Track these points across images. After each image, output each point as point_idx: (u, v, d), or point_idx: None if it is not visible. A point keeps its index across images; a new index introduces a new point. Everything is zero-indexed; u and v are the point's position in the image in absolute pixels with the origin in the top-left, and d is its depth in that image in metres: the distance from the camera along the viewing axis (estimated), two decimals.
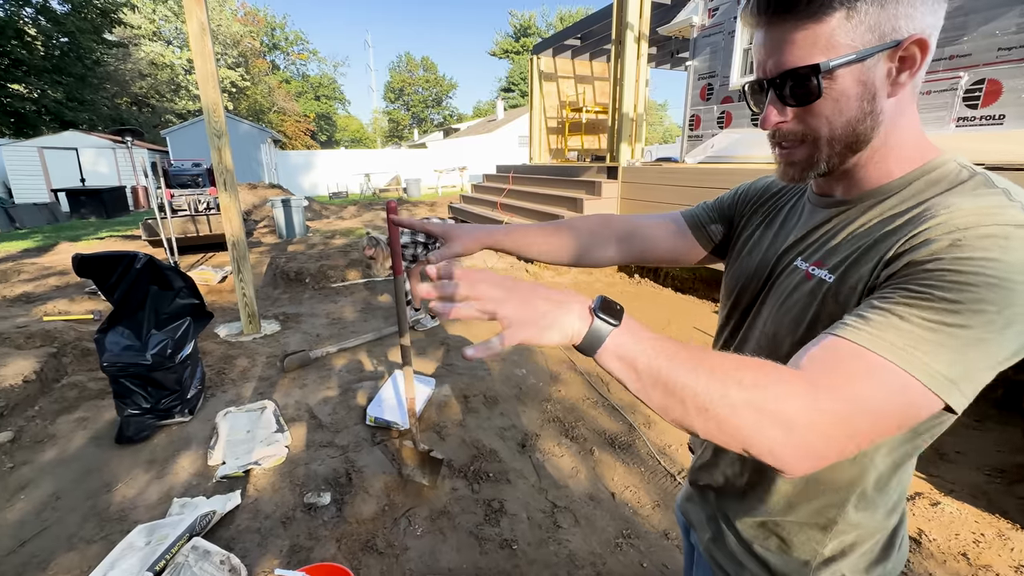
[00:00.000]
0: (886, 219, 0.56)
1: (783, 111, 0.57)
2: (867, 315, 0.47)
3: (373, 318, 4.48)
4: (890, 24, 0.50)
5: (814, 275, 0.61)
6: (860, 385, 0.44)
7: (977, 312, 0.44)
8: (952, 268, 0.45)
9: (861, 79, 0.52)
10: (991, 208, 0.47)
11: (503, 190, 8.25)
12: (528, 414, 2.78)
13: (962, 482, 2.17)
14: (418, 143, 33.63)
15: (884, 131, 0.56)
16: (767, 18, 0.54)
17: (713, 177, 4.55)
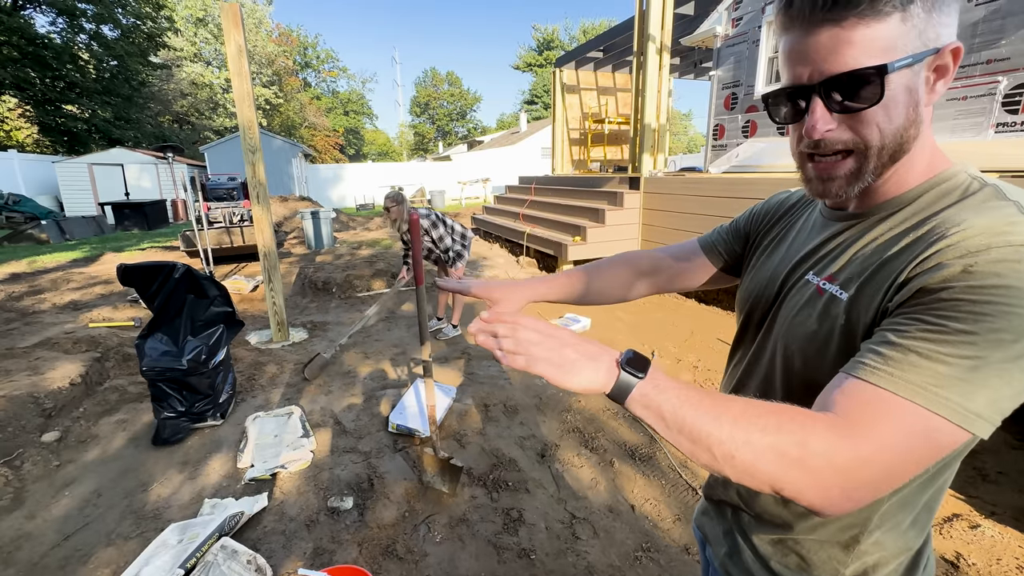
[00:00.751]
0: (897, 234, 0.55)
1: (830, 119, 0.53)
2: (885, 352, 0.47)
3: (396, 327, 4.57)
4: (934, 31, 0.50)
5: (826, 290, 0.60)
6: (885, 429, 0.45)
7: (995, 342, 0.44)
8: (966, 298, 0.45)
9: (909, 85, 0.51)
10: (1003, 226, 0.46)
11: (525, 201, 8.32)
12: (548, 424, 2.78)
13: (1004, 504, 2.06)
14: (443, 156, 34.22)
15: (915, 139, 0.54)
16: (821, 15, 0.50)
17: (737, 187, 4.49)
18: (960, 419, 0.44)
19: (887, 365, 0.46)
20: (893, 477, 0.46)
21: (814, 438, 0.45)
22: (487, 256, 7.38)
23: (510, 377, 3.38)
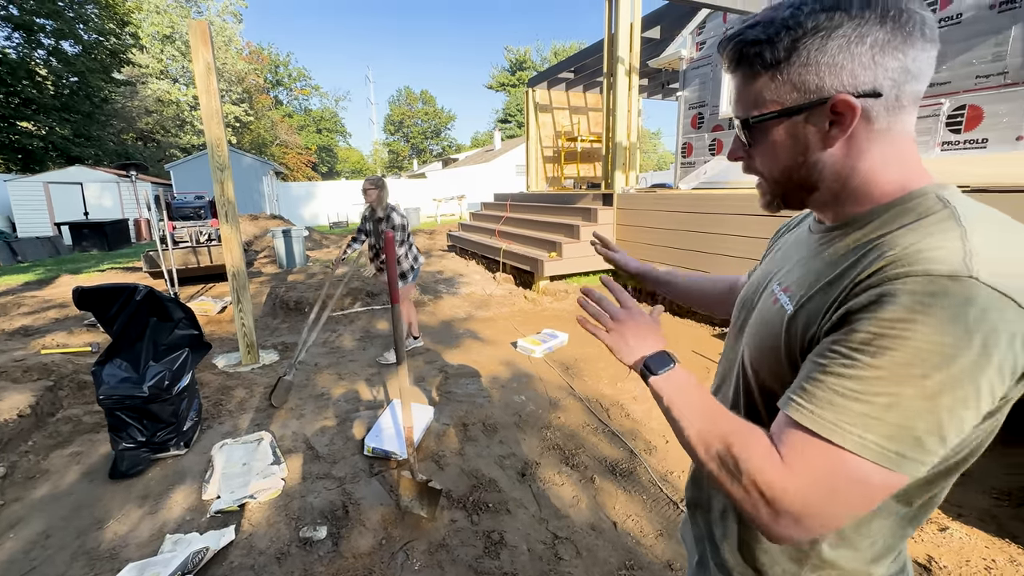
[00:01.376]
0: (848, 252, 0.56)
1: (741, 148, 0.64)
2: (808, 388, 0.50)
3: (372, 346, 4.48)
4: (815, 83, 0.53)
5: (779, 301, 0.62)
6: (805, 469, 0.48)
7: (905, 378, 0.44)
8: (875, 331, 0.45)
9: (792, 133, 0.57)
10: (929, 251, 0.46)
11: (501, 218, 8.37)
12: (528, 442, 2.75)
13: (970, 505, 2.13)
14: (417, 173, 34.19)
15: (839, 175, 0.57)
16: (727, 70, 0.61)
17: (706, 202, 4.63)
18: (881, 459, 0.45)
19: (810, 403, 0.49)
20: (825, 515, 0.48)
21: (749, 460, 0.51)
22: (463, 273, 7.35)
23: (489, 395, 3.34)
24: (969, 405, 0.44)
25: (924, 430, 0.45)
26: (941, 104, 4.57)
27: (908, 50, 0.51)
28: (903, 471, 0.46)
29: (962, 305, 0.43)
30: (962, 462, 0.55)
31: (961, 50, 4.40)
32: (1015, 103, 4.11)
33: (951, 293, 0.43)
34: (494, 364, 3.94)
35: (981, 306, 0.43)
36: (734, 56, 0.58)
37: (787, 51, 0.53)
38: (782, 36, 0.53)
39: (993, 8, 4.17)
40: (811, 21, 0.52)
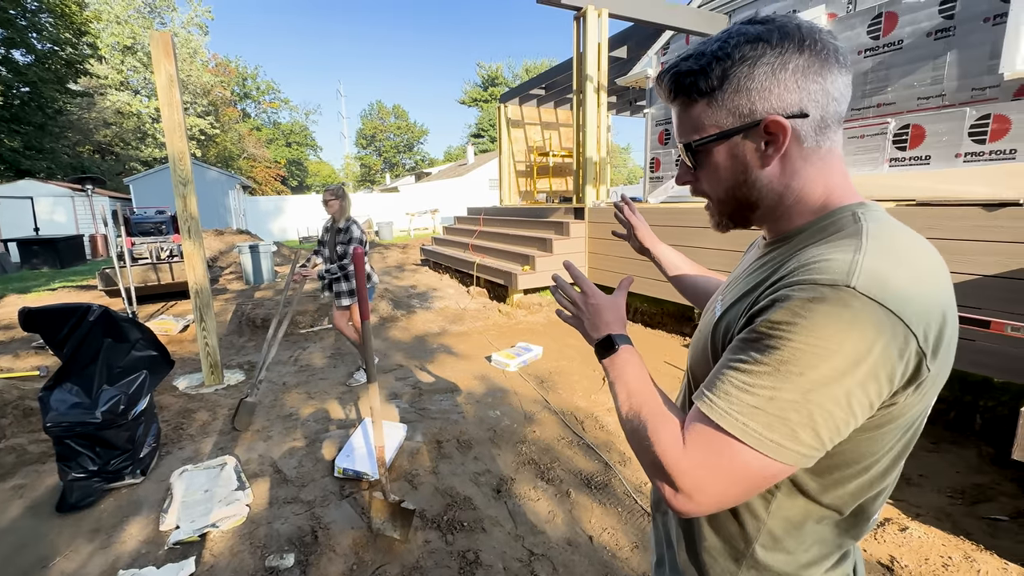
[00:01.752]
0: (770, 264, 0.61)
1: (687, 173, 0.67)
2: (715, 381, 0.54)
3: (343, 364, 4.37)
4: (747, 107, 0.57)
5: (714, 308, 0.69)
6: (699, 451, 0.53)
7: (784, 375, 0.48)
8: (766, 331, 0.50)
9: (731, 153, 0.60)
10: (824, 263, 0.50)
11: (474, 231, 8.38)
12: (503, 457, 2.72)
13: (927, 505, 2.22)
14: (390, 187, 33.96)
15: (776, 193, 0.61)
16: (667, 99, 0.65)
17: (674, 215, 4.76)
18: (760, 446, 0.50)
19: (712, 393, 0.54)
20: (714, 493, 0.52)
21: (657, 438, 0.56)
22: (437, 287, 7.30)
23: (464, 410, 3.30)
24: (840, 404, 0.48)
25: (797, 422, 0.49)
26: (888, 123, 4.86)
27: (827, 75, 0.56)
28: (782, 460, 0.50)
29: (836, 312, 0.47)
30: (884, 472, 0.57)
31: (904, 73, 4.71)
32: (952, 123, 4.41)
33: (827, 299, 0.47)
34: (468, 379, 3.90)
35: (854, 313, 0.46)
36: (671, 87, 0.62)
37: (719, 79, 0.57)
38: (713, 66, 0.58)
39: (930, 36, 4.49)
40: (738, 52, 0.56)
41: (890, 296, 0.47)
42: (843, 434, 0.50)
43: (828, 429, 0.49)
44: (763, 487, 0.53)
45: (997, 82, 4.09)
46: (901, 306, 0.47)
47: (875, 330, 0.46)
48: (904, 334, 0.47)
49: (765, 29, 0.56)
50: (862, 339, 0.46)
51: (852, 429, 0.50)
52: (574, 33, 5.88)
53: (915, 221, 2.85)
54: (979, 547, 1.94)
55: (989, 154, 4.21)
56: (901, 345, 0.47)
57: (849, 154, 5.18)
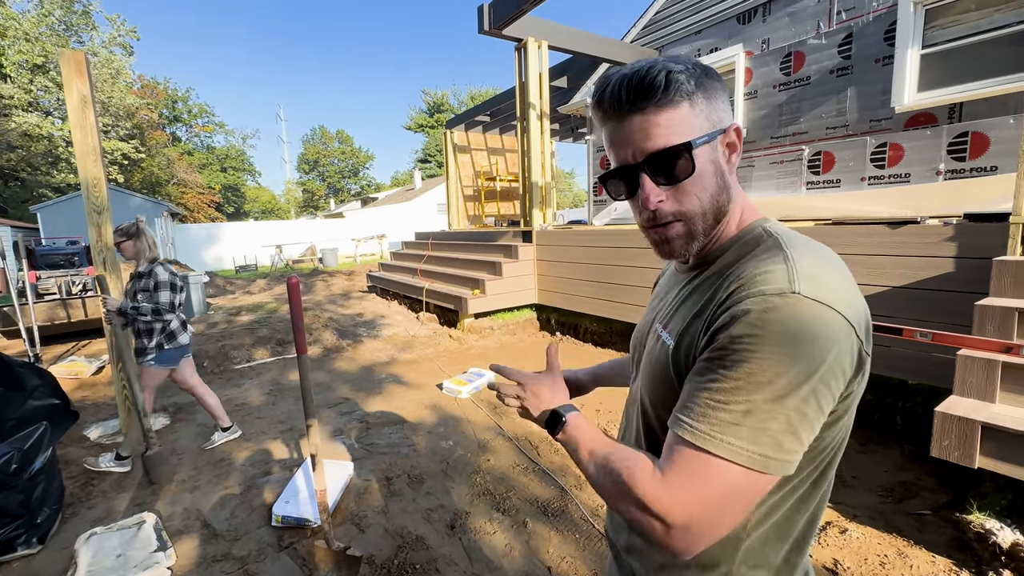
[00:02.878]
0: (707, 284, 0.63)
1: (659, 191, 0.60)
2: (688, 405, 0.54)
3: (283, 400, 4.10)
4: (716, 115, 0.61)
5: (661, 338, 0.68)
6: (683, 480, 0.52)
7: (755, 385, 0.49)
8: (730, 347, 0.51)
9: (712, 158, 0.61)
10: (760, 275, 0.54)
11: (423, 256, 8.27)
12: (457, 490, 2.62)
13: (862, 506, 2.35)
14: (335, 212, 33.07)
15: (733, 202, 0.64)
16: (627, 108, 0.58)
17: (618, 237, 4.92)
18: (749, 462, 0.50)
19: (690, 417, 0.53)
20: (710, 522, 0.51)
21: (634, 480, 0.54)
22: (384, 314, 7.09)
23: (414, 443, 3.16)
24: (810, 402, 0.50)
25: (778, 431, 0.49)
26: (803, 150, 5.32)
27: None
28: (770, 471, 0.50)
29: (789, 317, 0.49)
30: (826, 469, 0.60)
31: (813, 106, 5.20)
32: (856, 150, 4.90)
33: (780, 307, 0.50)
34: (419, 409, 3.77)
35: (806, 315, 0.49)
36: (652, 87, 0.56)
37: (696, 83, 0.59)
38: (690, 71, 0.59)
39: (833, 73, 5.00)
40: (693, 67, 0.60)
41: (829, 295, 0.51)
42: (816, 432, 0.52)
43: (805, 430, 0.51)
44: (752, 506, 0.53)
45: (890, 114, 4.61)
46: (839, 303, 0.51)
47: (826, 328, 0.50)
48: (847, 328, 0.51)
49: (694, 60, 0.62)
50: (817, 339, 0.49)
51: (821, 425, 0.52)
52: (516, 63, 6.06)
53: (832, 238, 3.10)
54: (910, 542, 2.06)
55: (888, 178, 4.70)
56: (847, 338, 0.51)
57: (771, 178, 5.61)
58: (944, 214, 2.98)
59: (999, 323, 2.02)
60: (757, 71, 5.61)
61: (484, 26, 5.48)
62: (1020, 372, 1.90)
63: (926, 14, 4.36)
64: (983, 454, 1.83)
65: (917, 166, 4.50)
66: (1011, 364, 1.91)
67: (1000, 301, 2.09)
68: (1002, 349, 1.97)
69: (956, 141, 4.26)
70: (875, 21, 4.64)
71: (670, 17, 6.52)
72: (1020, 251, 2.30)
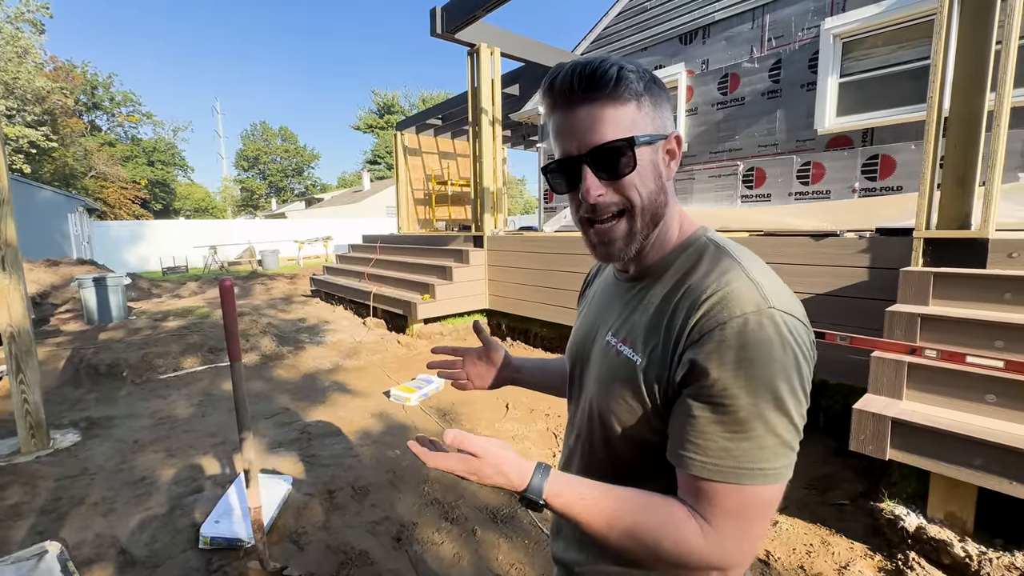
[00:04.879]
0: (666, 298, 0.62)
1: (600, 185, 0.60)
2: (699, 443, 0.54)
3: (215, 411, 3.82)
4: (661, 121, 0.62)
5: (622, 353, 0.65)
6: (733, 521, 0.53)
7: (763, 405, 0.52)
8: (727, 374, 0.52)
9: (653, 159, 0.61)
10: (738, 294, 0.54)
11: (371, 260, 8.04)
12: (404, 501, 2.54)
13: (790, 499, 2.51)
14: (276, 213, 31.53)
15: (668, 211, 0.65)
16: (578, 96, 0.58)
17: (569, 243, 5.01)
18: (777, 478, 0.53)
19: (707, 456, 0.53)
20: (755, 549, 0.55)
21: (686, 545, 0.53)
22: (329, 320, 6.82)
23: (359, 453, 3.04)
24: (802, 404, 0.54)
25: (791, 437, 0.54)
26: (738, 166, 5.68)
27: None
28: (788, 477, 0.54)
29: (773, 330, 0.53)
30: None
31: (747, 124, 5.56)
32: (784, 167, 5.29)
33: (763, 325, 0.53)
34: (365, 418, 3.64)
35: (783, 327, 0.53)
36: (604, 80, 0.57)
37: (646, 86, 0.60)
38: (641, 74, 0.60)
39: (764, 95, 5.38)
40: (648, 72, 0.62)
41: (793, 306, 0.56)
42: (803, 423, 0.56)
43: (802, 426, 0.55)
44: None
45: (814, 136, 5.02)
46: (800, 312, 0.57)
47: (799, 336, 0.55)
48: (807, 331, 0.57)
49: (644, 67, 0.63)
50: (796, 347, 0.53)
51: None
52: (468, 68, 6.06)
53: (763, 248, 3.32)
54: (832, 531, 2.22)
55: (812, 194, 5.10)
56: (808, 338, 0.57)
57: (710, 191, 5.94)
58: (859, 228, 3.27)
59: (905, 327, 2.23)
60: (697, 89, 5.94)
61: (436, 29, 5.44)
62: (923, 372, 2.11)
63: (843, 46, 4.80)
64: (893, 447, 2.01)
65: (836, 184, 4.92)
66: (916, 364, 2.12)
67: (906, 307, 2.32)
68: (908, 351, 2.17)
69: (869, 162, 4.70)
70: (801, 49, 5.04)
71: (618, 33, 6.78)
72: (922, 263, 2.56)
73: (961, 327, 2.12)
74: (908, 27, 4.42)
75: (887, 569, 1.96)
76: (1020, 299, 2.13)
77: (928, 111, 2.50)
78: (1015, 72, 2.32)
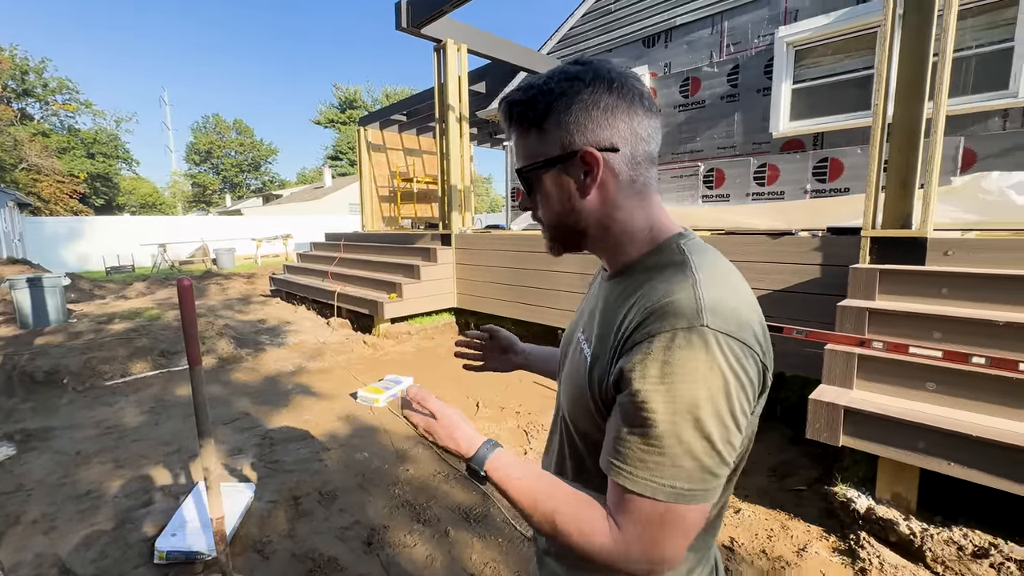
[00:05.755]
0: (620, 297, 0.62)
1: (527, 198, 0.70)
2: (620, 450, 0.54)
3: (170, 419, 3.62)
4: (568, 139, 0.61)
5: (582, 351, 0.67)
6: (636, 529, 0.54)
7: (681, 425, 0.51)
8: (649, 388, 0.51)
9: (557, 182, 0.64)
10: (674, 306, 0.53)
11: (334, 259, 7.82)
12: (374, 504, 2.49)
13: (752, 487, 2.61)
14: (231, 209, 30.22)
15: (601, 223, 0.64)
16: (506, 127, 0.68)
17: (535, 242, 5.04)
18: (692, 499, 0.53)
19: (626, 464, 0.54)
20: (667, 558, 0.54)
21: (594, 542, 0.55)
22: (291, 320, 6.59)
23: (326, 457, 2.96)
24: (731, 428, 0.53)
25: (712, 462, 0.52)
26: (699, 167, 5.86)
27: (633, 116, 0.61)
28: (709, 500, 0.54)
29: (700, 350, 0.51)
30: (735, 471, 0.66)
31: (708, 127, 5.75)
32: (742, 169, 5.50)
33: (692, 343, 0.51)
34: (331, 421, 3.54)
35: (714, 347, 0.51)
36: (506, 116, 0.66)
37: (544, 111, 0.61)
38: (539, 99, 0.62)
39: (723, 99, 5.58)
40: (558, 88, 0.61)
41: (734, 325, 0.53)
42: (738, 449, 0.55)
43: (729, 452, 0.53)
44: (698, 529, 0.56)
45: (769, 139, 5.24)
46: (743, 331, 0.54)
47: (733, 357, 0.52)
48: (752, 353, 0.55)
49: (582, 69, 0.61)
50: (727, 369, 0.51)
51: (740, 441, 0.55)
52: (435, 64, 5.98)
53: (725, 246, 3.44)
54: (790, 516, 2.33)
55: (767, 194, 5.34)
56: (753, 362, 0.54)
57: (673, 191, 6.11)
58: (812, 228, 3.44)
59: (855, 321, 2.37)
60: (661, 92, 6.09)
61: (401, 23, 5.34)
62: (871, 362, 2.24)
63: (796, 54, 5.04)
64: (845, 434, 2.13)
65: (790, 185, 5.16)
66: (864, 355, 2.25)
67: (855, 302, 2.46)
68: (857, 343, 2.31)
69: (819, 165, 4.95)
70: (757, 56, 5.26)
71: (584, 34, 6.86)
72: (868, 260, 2.72)
73: (904, 320, 2.27)
74: (854, 38, 4.69)
75: (841, 549, 2.08)
76: (955, 294, 2.30)
77: (873, 118, 2.66)
78: (949, 83, 2.50)
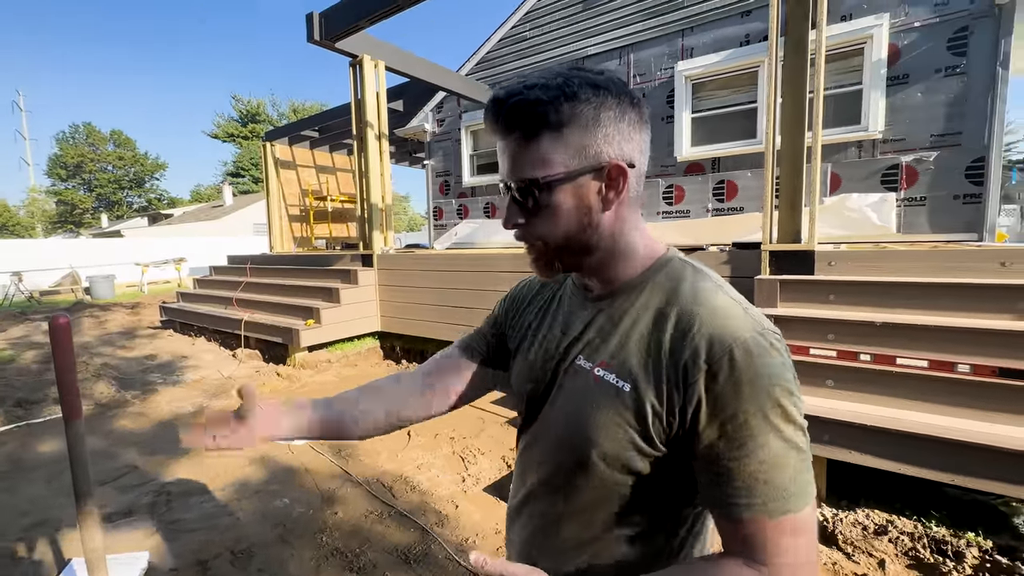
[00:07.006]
0: (648, 319, 0.60)
1: (519, 214, 0.61)
2: (743, 486, 0.52)
3: (29, 483, 3.00)
4: (593, 148, 0.57)
5: (603, 379, 0.61)
6: (789, 555, 0.51)
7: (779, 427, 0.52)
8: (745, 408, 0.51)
9: (576, 195, 0.58)
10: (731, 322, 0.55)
11: (240, 284, 7.14)
12: (298, 557, 2.23)
13: None
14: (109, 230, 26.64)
15: (611, 238, 0.62)
16: (500, 131, 0.59)
17: (460, 261, 4.99)
18: (812, 494, 0.54)
19: (753, 496, 0.52)
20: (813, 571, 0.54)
21: None
22: (187, 354, 5.88)
23: (237, 510, 2.62)
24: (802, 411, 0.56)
25: (806, 445, 0.55)
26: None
27: (645, 131, 0.61)
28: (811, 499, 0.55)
29: (774, 354, 0.54)
30: None
31: None
32: (653, 190, 5.92)
33: (764, 349, 0.54)
34: (241, 466, 3.15)
35: (777, 346, 0.55)
36: (515, 116, 0.56)
37: (568, 116, 0.55)
38: (562, 101, 0.55)
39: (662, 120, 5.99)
40: (583, 93, 0.56)
41: (769, 322, 0.58)
42: None
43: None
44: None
45: (674, 162, 5.71)
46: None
47: (786, 351, 0.56)
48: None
49: (605, 79, 0.58)
50: (788, 359, 0.56)
51: None
52: (351, 79, 5.78)
53: None
54: None
55: (675, 213, 5.79)
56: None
57: None
58: (719, 243, 3.77)
59: None
60: None
61: (314, 35, 5.10)
62: None
63: (693, 87, 5.58)
64: None
65: (694, 204, 5.64)
66: None
67: (761, 310, 2.71)
68: None
69: (717, 186, 5.48)
70: (660, 87, 5.74)
71: (500, 58, 7.05)
72: (769, 271, 3.03)
73: (803, 324, 2.54)
74: (740, 75, 5.30)
75: None
76: (840, 299, 2.63)
77: (765, 145, 2.99)
78: (823, 116, 2.90)
